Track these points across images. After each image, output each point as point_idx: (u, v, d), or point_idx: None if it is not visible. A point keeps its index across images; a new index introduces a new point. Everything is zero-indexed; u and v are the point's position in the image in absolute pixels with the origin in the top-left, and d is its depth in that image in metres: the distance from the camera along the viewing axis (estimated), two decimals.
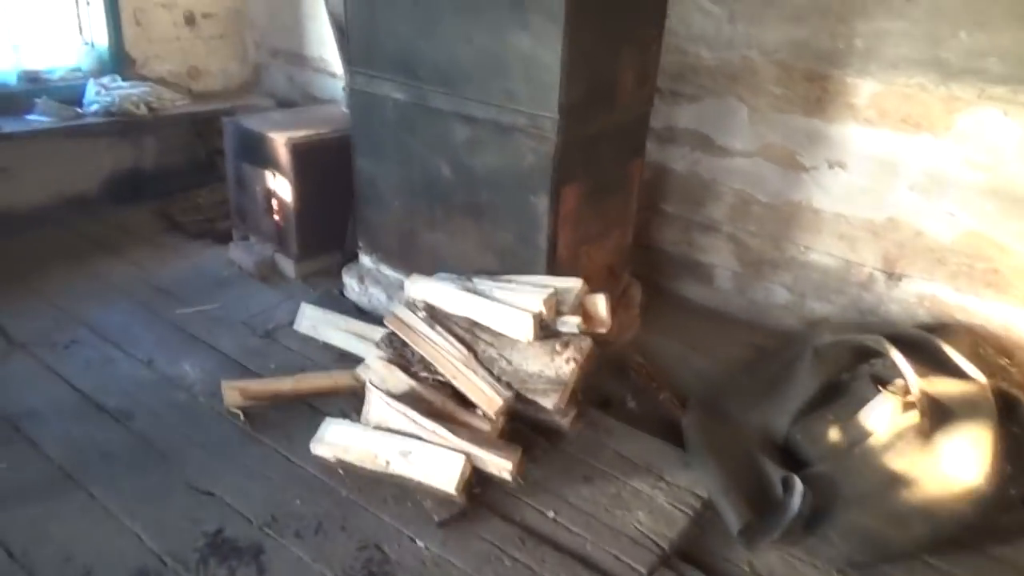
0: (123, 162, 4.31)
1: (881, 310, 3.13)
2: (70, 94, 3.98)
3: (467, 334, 2.55)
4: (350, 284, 3.36)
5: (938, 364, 2.55)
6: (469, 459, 2.22)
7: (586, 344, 2.44)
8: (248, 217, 3.71)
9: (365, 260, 3.34)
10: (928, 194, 2.91)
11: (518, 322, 2.44)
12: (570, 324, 2.48)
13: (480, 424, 2.37)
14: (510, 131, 2.62)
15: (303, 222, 3.47)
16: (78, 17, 4.17)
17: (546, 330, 2.47)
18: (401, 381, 2.48)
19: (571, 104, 2.49)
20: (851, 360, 2.70)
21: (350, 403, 2.56)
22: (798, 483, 2.25)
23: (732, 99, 3.28)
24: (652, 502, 2.30)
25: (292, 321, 3.13)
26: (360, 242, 3.34)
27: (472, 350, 2.50)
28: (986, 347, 2.78)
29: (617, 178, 2.98)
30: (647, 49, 2.87)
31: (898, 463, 2.32)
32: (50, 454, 2.40)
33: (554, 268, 2.71)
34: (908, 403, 2.42)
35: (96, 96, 3.95)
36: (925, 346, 2.63)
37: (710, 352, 3.17)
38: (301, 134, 3.40)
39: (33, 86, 3.96)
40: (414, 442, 2.27)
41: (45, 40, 4.09)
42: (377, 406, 2.40)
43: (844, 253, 3.18)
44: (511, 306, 2.49)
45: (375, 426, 2.37)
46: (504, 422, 2.41)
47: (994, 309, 2.87)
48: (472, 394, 2.42)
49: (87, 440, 2.47)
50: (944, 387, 2.43)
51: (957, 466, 2.27)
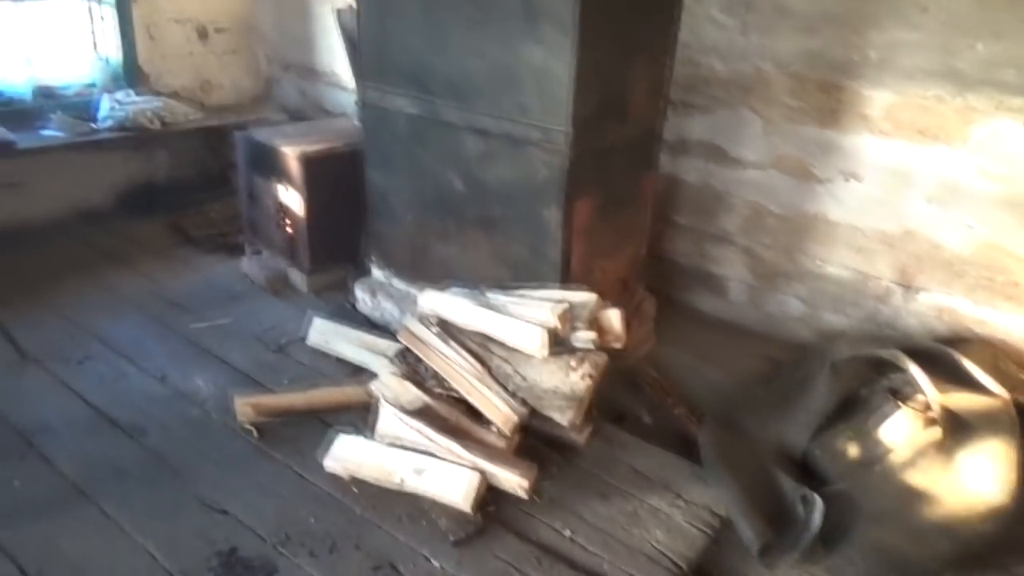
0: (136, 176, 4.34)
1: (898, 323, 3.09)
2: (84, 108, 4.02)
3: (480, 348, 2.54)
4: (362, 297, 3.35)
5: (957, 378, 2.51)
6: (484, 476, 2.20)
7: (601, 360, 2.42)
8: (260, 230, 3.71)
9: (377, 273, 3.34)
10: (945, 206, 2.88)
11: (532, 336, 2.42)
12: (585, 339, 2.46)
13: (495, 440, 2.35)
14: (522, 144, 2.61)
15: (315, 235, 3.47)
16: (92, 32, 4.20)
17: (560, 345, 2.44)
18: (414, 396, 2.46)
19: (583, 117, 2.48)
20: (868, 374, 2.66)
21: (363, 418, 2.53)
22: (819, 501, 2.22)
23: (745, 110, 3.26)
24: (669, 520, 2.27)
25: (304, 335, 3.12)
26: (372, 255, 3.33)
27: (486, 365, 2.49)
28: (1006, 361, 2.74)
29: (630, 191, 2.96)
30: (659, 61, 2.86)
31: (918, 479, 2.28)
32: (63, 470, 2.40)
33: (567, 282, 2.69)
34: (927, 418, 2.38)
35: (110, 110, 3.97)
36: (944, 360, 2.59)
37: (725, 365, 3.14)
38: (313, 147, 3.41)
39: (47, 101, 3.99)
40: (428, 459, 2.26)
41: (59, 55, 4.13)
42: (390, 422, 2.38)
43: (860, 265, 3.15)
44: (525, 320, 2.47)
45: (388, 442, 2.35)
46: (516, 435, 2.39)
47: (1014, 322, 2.83)
48: (487, 410, 2.40)
49: (100, 456, 2.47)
50: (964, 402, 2.39)
51: (978, 482, 2.24)
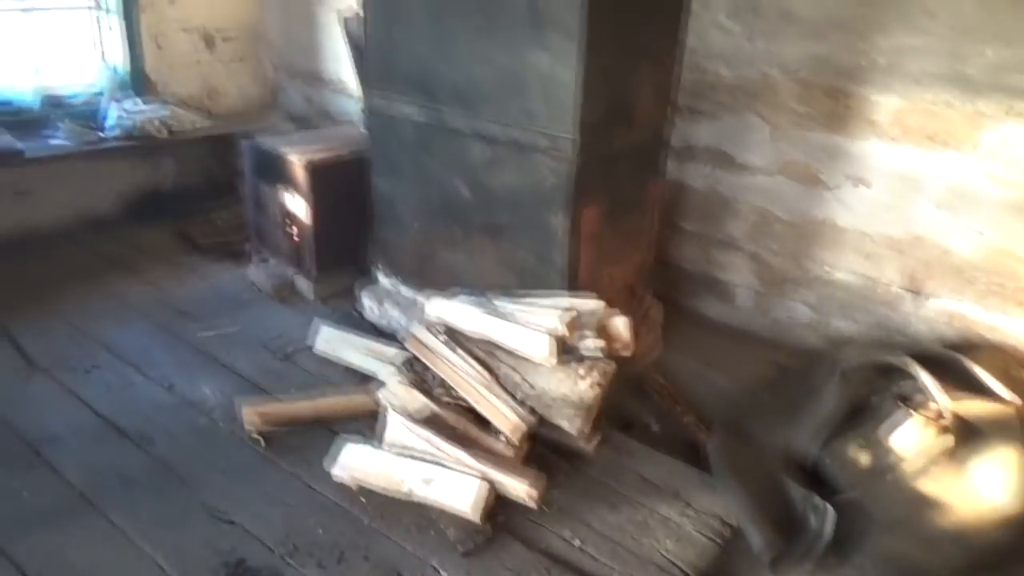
0: (142, 183, 4.35)
1: (907, 329, 3.08)
2: (91, 117, 4.02)
3: (487, 356, 2.53)
4: (368, 304, 3.35)
5: (968, 385, 2.50)
6: (492, 485, 2.19)
7: (610, 368, 2.41)
8: (267, 238, 3.71)
9: (383, 280, 3.33)
10: (954, 211, 2.87)
11: (539, 344, 2.41)
12: (593, 347, 2.45)
13: (503, 449, 2.34)
14: (529, 151, 2.60)
15: (321, 242, 3.46)
16: (99, 40, 4.21)
17: (569, 353, 2.43)
18: (421, 404, 2.45)
19: (590, 123, 2.48)
20: (878, 380, 2.64)
21: (369, 426, 2.53)
22: (830, 510, 2.20)
23: (752, 116, 3.25)
24: (678, 528, 2.26)
25: (311, 342, 3.12)
26: (378, 262, 3.33)
27: (494, 373, 2.48)
28: (1017, 367, 2.72)
29: (636, 197, 2.96)
30: (666, 67, 2.85)
31: (930, 487, 2.26)
32: (70, 479, 2.39)
33: (574, 288, 2.68)
34: (938, 425, 2.36)
35: (117, 118, 3.98)
36: (954, 366, 2.58)
37: (732, 372, 3.12)
38: (319, 154, 3.41)
39: (55, 108, 4.00)
40: (436, 468, 2.25)
41: (67, 63, 4.14)
42: (397, 430, 2.37)
43: (868, 271, 3.13)
44: (532, 327, 2.46)
45: (396, 451, 2.34)
46: (523, 443, 2.37)
47: None
48: (495, 419, 2.39)
49: (107, 465, 2.46)
50: (975, 409, 2.38)
51: (990, 489, 2.22)
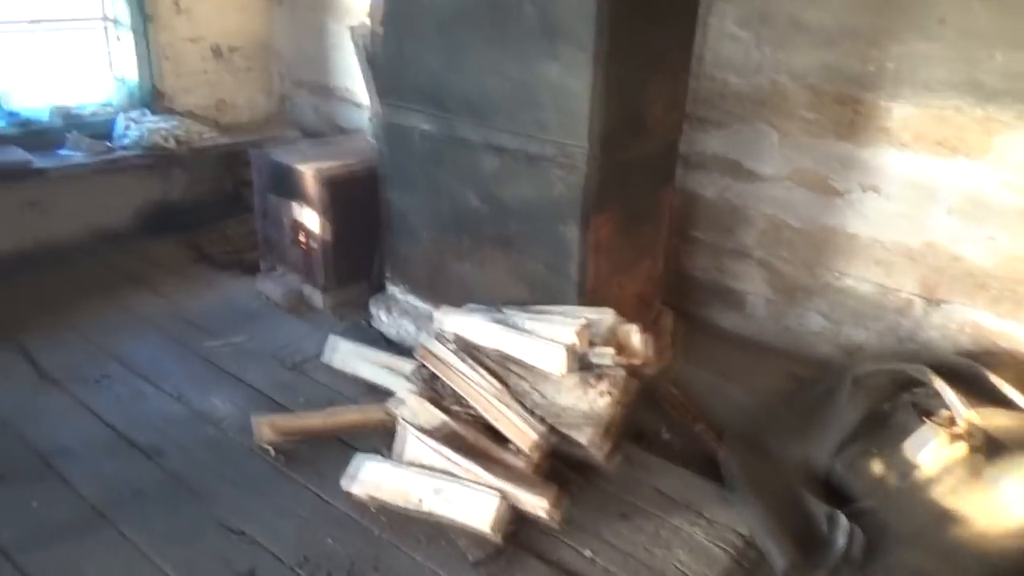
0: (152, 195, 4.36)
1: (920, 337, 3.05)
2: (101, 129, 4.05)
3: (499, 367, 2.51)
4: (378, 315, 3.34)
5: (984, 394, 2.47)
6: (505, 497, 2.17)
7: (621, 377, 2.39)
8: (276, 248, 3.71)
9: (394, 291, 3.33)
10: (967, 218, 2.85)
11: (551, 355, 2.40)
12: (604, 356, 2.44)
13: (515, 461, 2.32)
14: (540, 161, 2.60)
15: (331, 253, 3.46)
16: (109, 53, 4.24)
17: (580, 363, 2.42)
18: (433, 415, 2.44)
19: (601, 133, 2.47)
20: (892, 389, 2.62)
21: (381, 438, 2.52)
22: (843, 520, 2.18)
23: (762, 124, 3.24)
24: (692, 540, 2.24)
25: (320, 353, 3.11)
26: (388, 273, 3.32)
27: (504, 383, 2.46)
28: None
29: (648, 206, 2.95)
30: (676, 76, 2.85)
31: (948, 499, 2.23)
32: (81, 492, 2.39)
33: (585, 298, 2.67)
34: (955, 435, 2.34)
35: (126, 130, 4.00)
36: (970, 375, 2.56)
37: (744, 381, 3.09)
38: (328, 165, 3.41)
39: (65, 121, 4.01)
40: (447, 480, 2.23)
41: (77, 76, 4.16)
42: (410, 442, 2.36)
43: (881, 279, 3.11)
44: (543, 338, 2.45)
45: (408, 462, 2.33)
46: (540, 458, 2.36)
47: None
48: (506, 429, 2.38)
49: (118, 477, 2.46)
50: (993, 418, 2.35)
51: (1010, 502, 2.19)
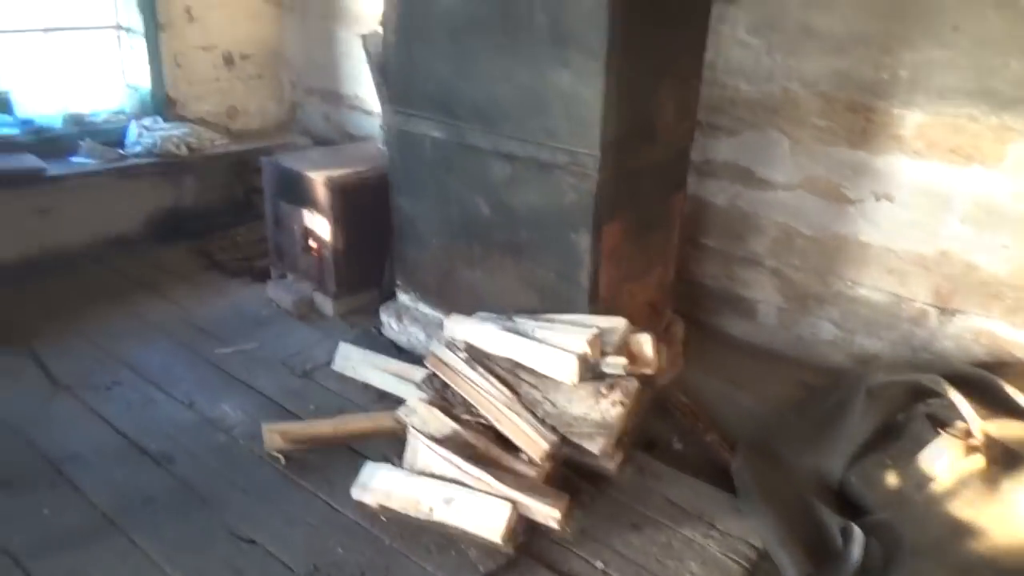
0: (163, 201, 4.38)
1: (934, 346, 3.02)
2: (113, 136, 4.07)
3: (509, 375, 2.51)
4: (388, 322, 3.34)
5: (1000, 405, 2.45)
6: (516, 507, 2.16)
7: (633, 386, 2.38)
8: (286, 255, 3.72)
9: (403, 298, 3.32)
10: (981, 227, 2.82)
11: (562, 363, 2.39)
12: (615, 365, 2.42)
13: (526, 470, 2.31)
14: (550, 168, 2.59)
15: (341, 260, 3.47)
16: (121, 61, 4.27)
17: (592, 372, 2.41)
18: (444, 424, 2.43)
19: (612, 140, 2.46)
20: (906, 400, 2.60)
21: (391, 446, 2.51)
22: (858, 532, 2.15)
23: (773, 131, 3.23)
24: (704, 551, 2.22)
25: (330, 360, 3.11)
26: (398, 280, 3.32)
27: (515, 392, 2.45)
28: None
29: (658, 214, 2.94)
30: (687, 83, 2.84)
31: (963, 511, 2.21)
32: (92, 499, 2.39)
33: (596, 306, 2.66)
34: (970, 446, 2.32)
35: (138, 137, 4.02)
36: (985, 385, 2.53)
37: (756, 390, 3.08)
38: (339, 172, 3.41)
39: (77, 128, 4.04)
40: (458, 489, 2.22)
41: (89, 83, 4.19)
42: (420, 451, 2.35)
43: (894, 288, 3.09)
44: (554, 347, 2.44)
45: (418, 471, 2.32)
46: (551, 467, 2.34)
47: None
48: (516, 438, 2.36)
49: (128, 484, 2.46)
50: (1009, 429, 2.32)
51: None
